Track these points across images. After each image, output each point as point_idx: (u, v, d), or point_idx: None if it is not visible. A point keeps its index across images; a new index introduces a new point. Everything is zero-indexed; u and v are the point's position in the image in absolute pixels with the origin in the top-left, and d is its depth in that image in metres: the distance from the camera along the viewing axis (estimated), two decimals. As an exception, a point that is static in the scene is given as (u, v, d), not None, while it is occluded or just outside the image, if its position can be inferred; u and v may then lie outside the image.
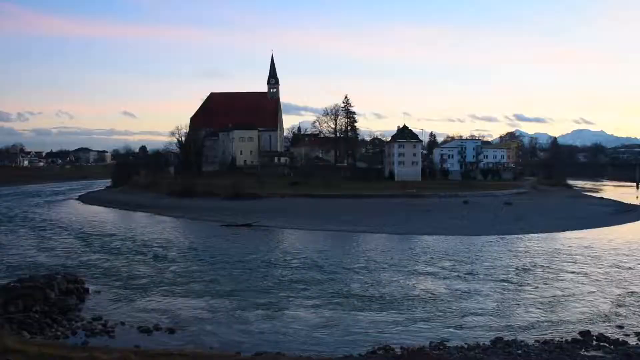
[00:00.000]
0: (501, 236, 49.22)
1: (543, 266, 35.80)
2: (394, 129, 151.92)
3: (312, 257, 39.07)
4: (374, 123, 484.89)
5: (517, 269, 34.92)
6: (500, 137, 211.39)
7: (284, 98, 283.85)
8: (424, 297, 28.15)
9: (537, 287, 30.11)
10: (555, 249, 42.70)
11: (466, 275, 32.90)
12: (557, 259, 38.21)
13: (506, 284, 30.87)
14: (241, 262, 37.49)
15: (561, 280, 31.86)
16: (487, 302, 27.22)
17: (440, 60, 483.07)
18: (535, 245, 44.79)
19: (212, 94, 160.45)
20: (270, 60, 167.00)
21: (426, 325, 23.50)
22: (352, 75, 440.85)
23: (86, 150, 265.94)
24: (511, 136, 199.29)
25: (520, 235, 49.84)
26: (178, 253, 41.52)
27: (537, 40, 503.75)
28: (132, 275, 33.34)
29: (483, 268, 35.12)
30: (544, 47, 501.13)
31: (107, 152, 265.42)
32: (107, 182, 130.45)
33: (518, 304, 26.76)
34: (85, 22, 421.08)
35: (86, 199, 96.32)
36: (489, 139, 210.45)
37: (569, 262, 37.31)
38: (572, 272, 33.89)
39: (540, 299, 27.59)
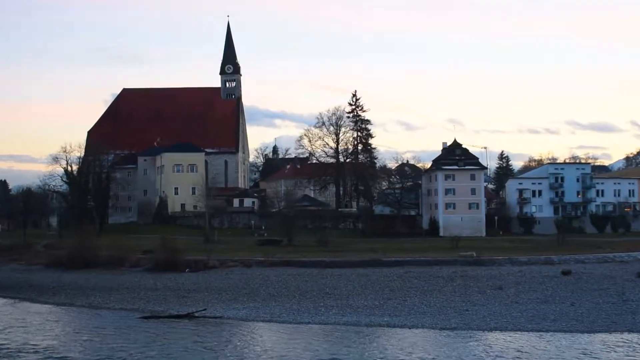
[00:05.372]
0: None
1: None
2: (436, 149, 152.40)
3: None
4: (400, 138, 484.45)
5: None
6: (627, 158, 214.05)
7: (248, 98, 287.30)
8: None
9: None
10: None
11: None
12: None
13: None
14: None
15: None
16: None
17: (507, 31, 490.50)
18: None
19: (124, 90, 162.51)
20: (225, 35, 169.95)
21: None
22: (361, 60, 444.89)
23: None
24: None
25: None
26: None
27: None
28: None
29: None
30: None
31: None
32: None
33: None
34: None
35: None
36: (605, 163, 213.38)
37: None
38: None
39: None
